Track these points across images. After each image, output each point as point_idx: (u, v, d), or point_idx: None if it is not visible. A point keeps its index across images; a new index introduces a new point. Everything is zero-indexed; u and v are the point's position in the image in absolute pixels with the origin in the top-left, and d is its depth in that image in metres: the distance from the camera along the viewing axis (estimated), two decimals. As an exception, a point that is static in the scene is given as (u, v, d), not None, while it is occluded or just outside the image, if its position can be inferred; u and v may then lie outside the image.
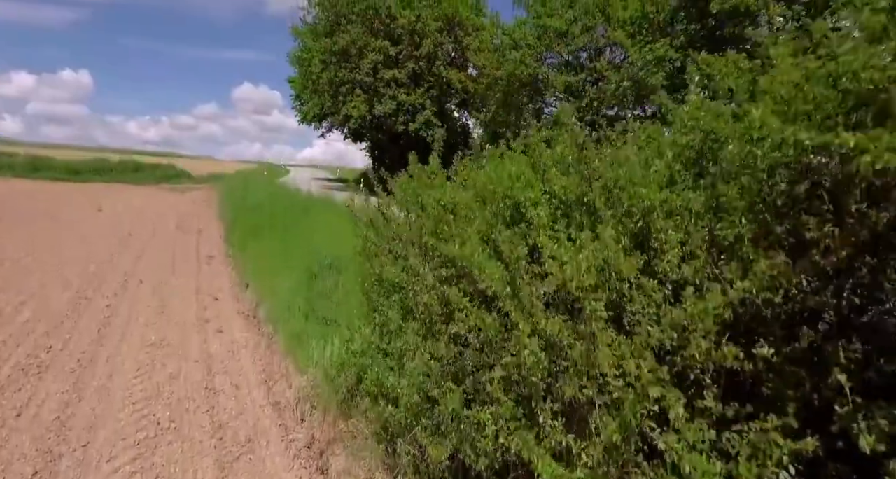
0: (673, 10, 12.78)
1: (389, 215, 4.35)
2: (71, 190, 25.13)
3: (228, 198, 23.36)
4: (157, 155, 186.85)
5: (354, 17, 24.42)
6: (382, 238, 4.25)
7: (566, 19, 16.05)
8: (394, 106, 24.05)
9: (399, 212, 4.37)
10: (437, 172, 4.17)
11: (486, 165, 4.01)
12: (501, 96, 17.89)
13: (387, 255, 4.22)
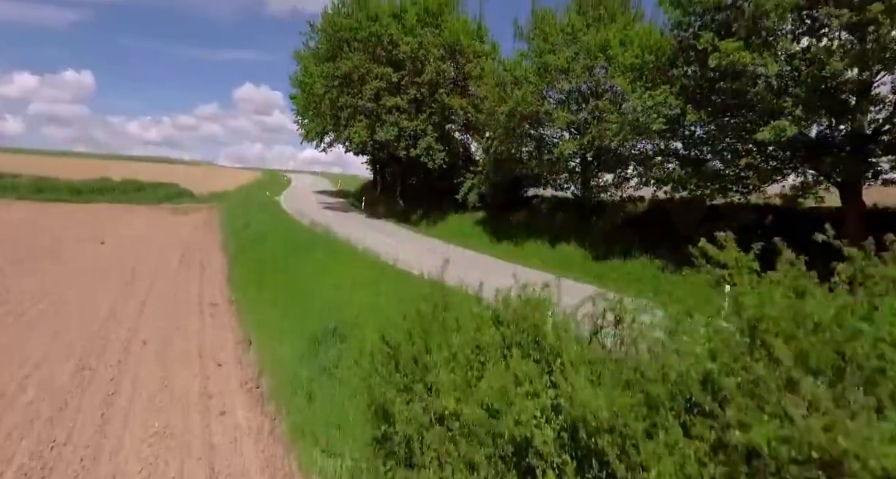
0: (671, 56, 12.81)
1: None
2: (74, 215, 25.21)
3: (230, 223, 23.45)
4: (157, 160, 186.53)
5: (357, 43, 24.56)
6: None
7: (567, 57, 16.12)
8: (395, 132, 24.13)
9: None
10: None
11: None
12: (503, 131, 17.94)
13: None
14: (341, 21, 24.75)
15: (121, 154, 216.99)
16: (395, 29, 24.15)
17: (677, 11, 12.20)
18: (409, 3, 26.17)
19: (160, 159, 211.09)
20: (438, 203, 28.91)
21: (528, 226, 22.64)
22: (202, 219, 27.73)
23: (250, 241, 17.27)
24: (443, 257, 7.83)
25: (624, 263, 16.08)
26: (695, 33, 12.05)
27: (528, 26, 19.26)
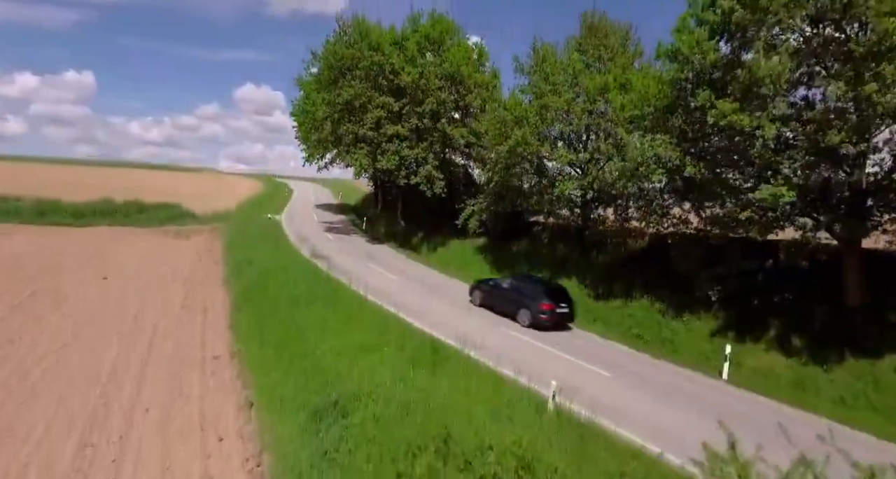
0: (670, 104, 12.87)
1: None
2: (77, 242, 25.28)
3: (232, 254, 23.51)
4: (158, 167, 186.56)
5: (358, 72, 24.73)
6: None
7: (566, 99, 16.24)
8: (396, 161, 24.25)
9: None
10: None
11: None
12: (503, 166, 18.05)
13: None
14: (343, 50, 24.93)
15: (122, 161, 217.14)
16: (397, 58, 24.33)
17: (674, 66, 12.30)
18: (410, 31, 26.39)
19: (161, 166, 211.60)
20: (439, 225, 28.95)
21: (528, 256, 22.67)
22: (204, 244, 27.77)
23: (252, 282, 17.27)
24: (444, 300, 7.65)
25: (625, 304, 16.08)
26: (692, 89, 12.14)
27: (528, 62, 19.44)
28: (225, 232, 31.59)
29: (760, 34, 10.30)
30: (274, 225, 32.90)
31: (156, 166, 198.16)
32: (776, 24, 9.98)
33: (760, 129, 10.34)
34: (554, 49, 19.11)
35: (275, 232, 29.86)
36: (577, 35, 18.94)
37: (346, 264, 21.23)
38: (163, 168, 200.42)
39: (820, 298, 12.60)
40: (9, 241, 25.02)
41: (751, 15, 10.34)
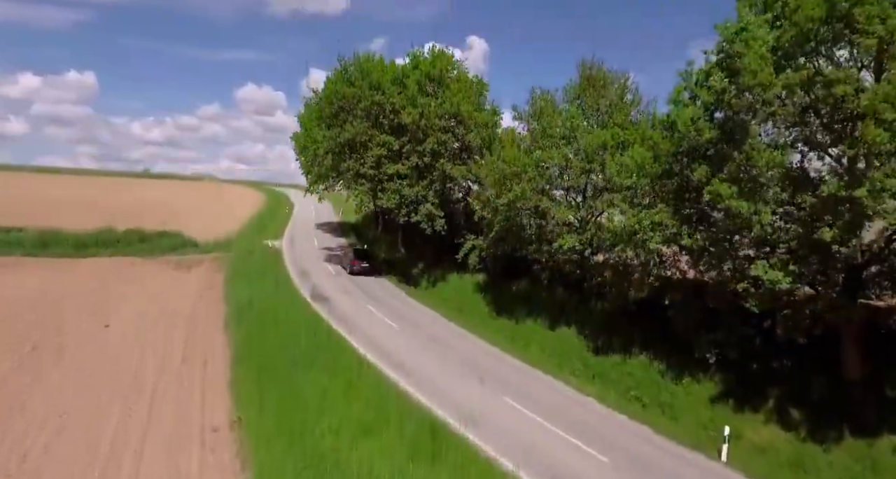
0: (664, 174, 12.99)
1: None
2: (79, 280, 25.38)
3: (234, 293, 23.59)
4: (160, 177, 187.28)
5: (359, 112, 24.99)
6: None
7: (564, 154, 16.42)
8: (396, 200, 24.42)
9: None
10: None
11: None
12: (503, 217, 18.18)
13: None
14: (344, 89, 25.22)
15: (122, 171, 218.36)
16: (398, 97, 24.59)
17: (669, 139, 12.46)
18: (411, 68, 26.72)
19: (163, 176, 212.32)
20: (439, 256, 29.05)
21: (528, 298, 22.69)
22: (205, 278, 27.84)
23: (253, 333, 17.33)
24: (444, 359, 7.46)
25: (624, 360, 16.09)
26: (688, 163, 12.28)
27: (527, 109, 19.66)
28: (226, 263, 31.72)
29: (755, 121, 10.44)
30: (274, 255, 33.03)
31: (156, 176, 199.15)
32: (770, 116, 10.14)
33: (757, 214, 10.45)
34: (552, 98, 19.37)
35: (275, 265, 29.98)
36: (575, 82, 19.20)
37: (346, 307, 21.30)
38: (164, 177, 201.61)
39: (819, 368, 12.62)
40: (13, 275, 25.20)
41: (745, 103, 10.51)
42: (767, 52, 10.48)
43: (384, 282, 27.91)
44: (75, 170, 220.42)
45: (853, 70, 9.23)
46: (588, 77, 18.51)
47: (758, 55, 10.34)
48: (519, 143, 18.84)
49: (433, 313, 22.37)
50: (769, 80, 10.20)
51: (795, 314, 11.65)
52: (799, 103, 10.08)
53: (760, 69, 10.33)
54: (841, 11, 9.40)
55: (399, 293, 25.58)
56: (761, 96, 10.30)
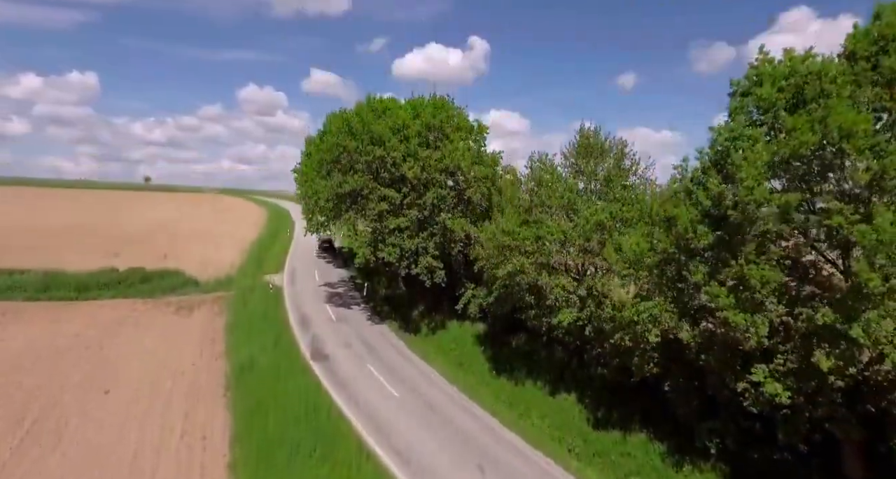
0: (665, 258, 13.07)
1: None
2: (78, 333, 25.42)
3: (234, 346, 23.66)
4: (159, 189, 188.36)
5: (360, 166, 25.22)
6: None
7: (563, 230, 16.53)
8: (397, 254, 24.53)
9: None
10: None
11: None
12: (502, 285, 18.27)
13: None
14: (345, 143, 25.48)
15: (121, 183, 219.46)
16: (398, 154, 24.82)
17: (667, 239, 12.55)
18: (411, 118, 26.99)
19: (164, 188, 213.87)
20: (439, 298, 29.09)
21: (527, 355, 22.67)
22: (206, 324, 27.90)
23: (252, 408, 17.33)
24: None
25: (623, 438, 16.01)
26: (685, 261, 12.37)
27: (526, 173, 19.84)
28: (227, 304, 31.81)
29: (750, 235, 10.54)
30: (275, 296, 33.06)
31: (157, 187, 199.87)
32: (763, 234, 10.25)
33: (754, 326, 10.51)
34: (551, 166, 19.56)
35: (276, 309, 30.01)
36: (574, 146, 19.42)
37: (346, 368, 21.27)
38: (165, 189, 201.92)
39: (820, 464, 12.60)
40: (13, 328, 25.28)
41: (740, 217, 10.63)
42: (763, 166, 10.64)
43: (384, 329, 27.89)
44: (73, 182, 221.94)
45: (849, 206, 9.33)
46: (586, 146, 18.73)
47: (753, 172, 10.49)
48: (519, 205, 18.96)
49: (433, 371, 22.32)
50: (764, 197, 10.34)
51: (795, 419, 11.66)
52: (793, 227, 10.19)
53: (756, 184, 10.48)
54: (833, 141, 9.56)
55: (399, 344, 25.56)
56: (756, 214, 10.42)
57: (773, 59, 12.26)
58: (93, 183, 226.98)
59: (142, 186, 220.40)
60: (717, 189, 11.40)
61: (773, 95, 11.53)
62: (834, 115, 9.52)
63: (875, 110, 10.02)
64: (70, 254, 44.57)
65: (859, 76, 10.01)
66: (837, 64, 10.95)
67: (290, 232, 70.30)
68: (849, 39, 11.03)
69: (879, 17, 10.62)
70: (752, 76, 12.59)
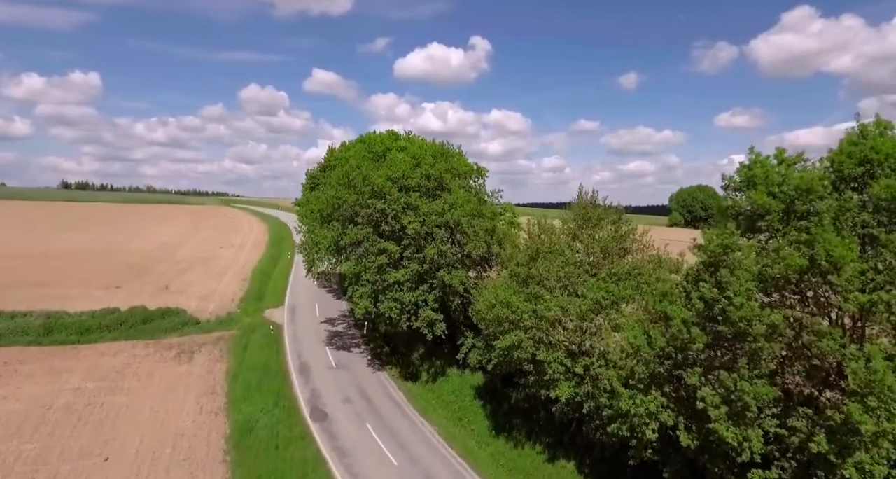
0: (659, 356, 13.20)
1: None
2: (79, 385, 25.50)
3: (235, 401, 23.72)
4: (162, 201, 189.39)
5: (361, 219, 25.48)
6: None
7: (561, 305, 16.68)
8: (397, 309, 24.67)
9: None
10: None
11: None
12: (501, 353, 18.39)
13: None
14: (346, 196, 25.77)
15: (120, 195, 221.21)
16: (399, 206, 25.08)
17: (663, 337, 12.68)
18: (410, 168, 27.30)
19: (167, 198, 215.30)
20: (439, 342, 29.17)
21: (527, 415, 22.67)
22: (207, 375, 27.94)
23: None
24: None
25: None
26: (682, 363, 12.49)
27: (525, 243, 20.03)
28: (227, 346, 31.93)
29: (742, 350, 10.67)
30: (276, 337, 33.16)
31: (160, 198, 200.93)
32: (756, 352, 10.39)
33: (748, 441, 10.60)
34: (550, 229, 19.78)
35: (276, 356, 30.08)
36: (573, 217, 19.67)
37: (346, 431, 21.30)
38: (168, 201, 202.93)
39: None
40: (15, 381, 25.39)
41: (731, 330, 10.78)
42: (752, 284, 10.81)
43: (384, 378, 27.93)
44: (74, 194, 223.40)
45: (838, 330, 9.49)
46: (585, 217, 18.98)
47: (743, 289, 10.66)
48: (518, 273, 19.11)
49: (433, 430, 22.33)
50: (754, 314, 10.50)
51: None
52: (780, 346, 10.34)
53: (746, 300, 10.64)
54: (822, 269, 9.73)
55: (398, 397, 25.58)
56: (747, 328, 10.57)
57: (766, 161, 12.50)
58: (95, 195, 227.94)
59: (144, 198, 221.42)
60: (710, 294, 11.57)
61: (766, 202, 11.75)
62: (821, 243, 9.72)
63: (863, 239, 10.21)
64: (72, 287, 44.84)
65: (847, 203, 10.22)
66: (824, 179, 11.16)
67: (290, 255, 70.51)
68: (837, 155, 11.27)
69: (864, 136, 10.86)
70: (744, 174, 12.85)
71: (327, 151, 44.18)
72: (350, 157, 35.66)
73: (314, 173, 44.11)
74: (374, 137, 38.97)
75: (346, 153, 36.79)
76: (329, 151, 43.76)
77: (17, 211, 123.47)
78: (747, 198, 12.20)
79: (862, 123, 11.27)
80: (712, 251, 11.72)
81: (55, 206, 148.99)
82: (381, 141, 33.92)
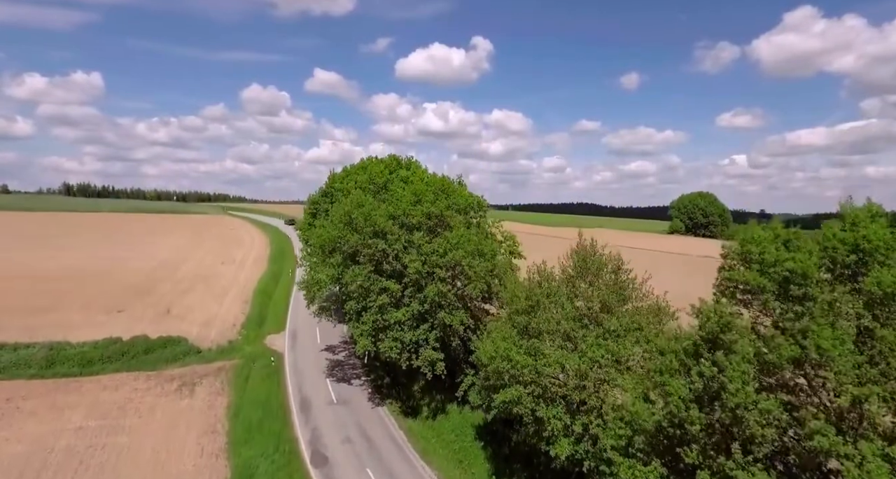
0: (658, 430, 13.33)
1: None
2: (80, 423, 25.61)
3: (235, 450, 23.80)
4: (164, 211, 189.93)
5: (363, 259, 25.70)
6: None
7: (561, 361, 16.84)
8: (398, 349, 24.81)
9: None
10: None
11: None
12: (501, 404, 18.50)
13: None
14: (348, 236, 26.01)
15: (120, 204, 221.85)
16: (399, 246, 25.31)
17: (661, 414, 12.81)
18: (412, 203, 27.58)
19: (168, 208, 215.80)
20: (440, 379, 29.21)
21: (527, 460, 22.67)
22: (209, 410, 28.03)
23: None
24: None
25: None
26: (681, 436, 12.60)
27: (525, 287, 20.21)
28: (229, 379, 32.03)
29: (738, 435, 10.80)
30: (276, 371, 33.20)
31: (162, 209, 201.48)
32: (750, 438, 10.53)
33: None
34: (550, 276, 19.97)
35: (277, 392, 30.12)
36: (572, 266, 19.87)
37: (346, 475, 21.36)
38: (169, 211, 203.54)
39: None
40: (17, 420, 25.51)
41: (729, 416, 10.91)
42: (749, 366, 10.96)
43: (384, 414, 27.98)
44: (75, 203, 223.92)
45: (831, 428, 9.63)
46: (584, 268, 19.18)
47: (738, 373, 10.82)
48: (517, 323, 19.28)
49: (433, 475, 22.38)
50: (749, 400, 10.64)
51: None
52: (776, 431, 10.48)
53: (742, 385, 10.80)
54: (814, 362, 9.88)
55: (399, 436, 25.63)
56: (743, 415, 10.71)
57: (760, 240, 12.70)
58: (96, 204, 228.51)
59: (146, 207, 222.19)
60: (709, 373, 11.72)
61: (760, 282, 11.93)
62: (813, 336, 9.88)
63: (859, 329, 10.38)
64: (74, 311, 45.04)
65: (840, 296, 10.39)
66: (817, 264, 11.33)
67: (291, 273, 70.62)
68: (829, 240, 11.45)
69: (855, 225, 11.06)
70: (741, 247, 13.06)
71: (329, 176, 44.55)
72: (350, 188, 36.07)
73: (316, 199, 44.42)
74: (375, 165, 39.35)
75: (347, 184, 37.13)
76: (331, 176, 44.13)
77: (18, 223, 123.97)
78: (742, 274, 12.40)
79: (853, 208, 11.48)
80: (710, 329, 11.89)
81: (57, 217, 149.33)
82: (381, 172, 34.24)
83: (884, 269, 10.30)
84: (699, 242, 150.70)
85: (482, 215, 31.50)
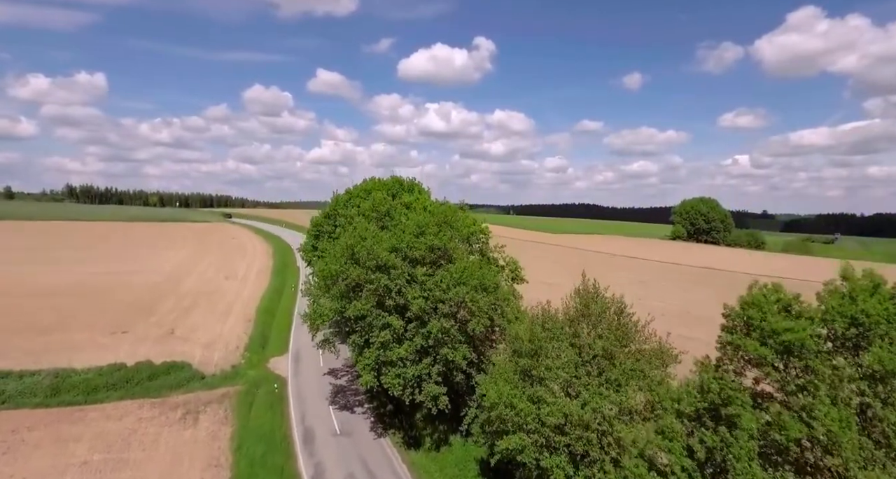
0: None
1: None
2: (83, 457, 25.72)
3: None
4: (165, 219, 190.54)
5: (366, 293, 25.85)
6: None
7: (564, 411, 16.91)
8: (400, 385, 24.89)
9: None
10: None
11: None
12: (504, 449, 18.59)
13: None
14: (351, 271, 26.16)
15: (120, 212, 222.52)
16: (402, 281, 25.44)
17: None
18: (414, 236, 27.73)
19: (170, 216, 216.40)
20: (443, 411, 29.24)
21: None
22: (212, 441, 28.12)
23: None
24: None
25: None
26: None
27: (528, 329, 20.32)
28: (233, 407, 32.12)
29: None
30: (279, 400, 33.26)
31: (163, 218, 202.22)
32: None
33: None
34: (553, 318, 20.06)
35: (281, 423, 30.15)
36: (573, 309, 19.98)
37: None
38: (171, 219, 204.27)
39: None
40: (21, 454, 25.61)
41: None
42: (754, 443, 11.01)
43: (386, 445, 28.00)
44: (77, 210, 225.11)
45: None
46: (585, 314, 19.28)
47: (745, 449, 10.86)
48: (519, 367, 19.36)
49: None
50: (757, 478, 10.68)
51: None
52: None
53: (749, 462, 10.85)
54: (822, 444, 9.94)
55: (402, 472, 25.63)
56: None
57: (761, 303, 12.79)
58: (99, 211, 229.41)
59: (148, 215, 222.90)
60: (712, 443, 11.78)
61: (760, 351, 12.02)
62: (819, 417, 9.95)
63: (861, 406, 10.45)
64: (78, 332, 45.29)
65: (841, 372, 10.48)
66: (816, 335, 11.40)
67: (294, 288, 70.69)
68: (828, 312, 11.53)
69: (854, 300, 11.14)
70: (742, 312, 13.15)
71: (332, 198, 44.83)
72: (353, 214, 36.30)
73: (319, 220, 44.67)
74: (378, 190, 39.60)
75: (350, 210, 37.36)
76: (334, 198, 44.40)
77: (21, 234, 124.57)
78: (743, 341, 12.49)
79: (853, 279, 11.58)
80: (711, 400, 11.97)
81: (59, 226, 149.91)
82: (383, 200, 34.44)
83: (884, 345, 10.39)
84: (701, 248, 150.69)
85: (485, 242, 31.67)
